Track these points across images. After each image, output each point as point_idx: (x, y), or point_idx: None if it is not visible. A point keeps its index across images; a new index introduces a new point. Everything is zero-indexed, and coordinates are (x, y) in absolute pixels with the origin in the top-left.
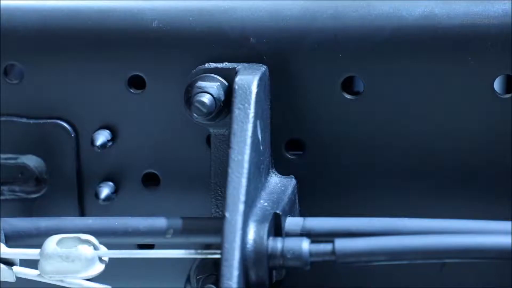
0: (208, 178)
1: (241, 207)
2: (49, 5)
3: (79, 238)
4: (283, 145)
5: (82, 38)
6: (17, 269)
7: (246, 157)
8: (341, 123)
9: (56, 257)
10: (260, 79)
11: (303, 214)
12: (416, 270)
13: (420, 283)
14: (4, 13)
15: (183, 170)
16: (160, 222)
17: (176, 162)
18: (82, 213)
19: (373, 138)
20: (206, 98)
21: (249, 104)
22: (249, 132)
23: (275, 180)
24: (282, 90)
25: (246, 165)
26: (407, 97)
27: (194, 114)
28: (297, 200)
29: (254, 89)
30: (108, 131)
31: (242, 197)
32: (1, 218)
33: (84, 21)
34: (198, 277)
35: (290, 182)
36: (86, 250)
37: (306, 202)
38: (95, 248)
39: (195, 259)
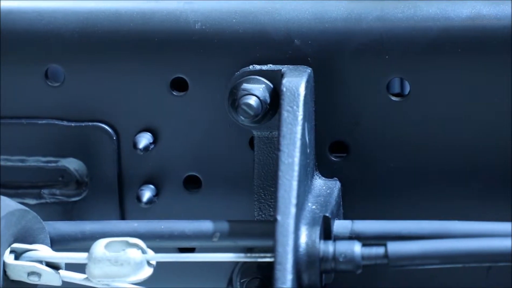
0: (251, 181)
1: (292, 210)
2: (91, 7)
3: (127, 242)
4: (327, 147)
5: (124, 40)
6: (63, 273)
7: (296, 159)
8: (385, 125)
9: (104, 261)
10: (307, 81)
11: (346, 217)
12: (459, 271)
13: (462, 284)
14: (45, 15)
15: (224, 172)
16: (206, 225)
17: (218, 164)
18: (123, 217)
19: (417, 140)
20: (252, 101)
21: (298, 106)
22: (298, 135)
23: (319, 182)
24: (326, 92)
25: (296, 167)
26: (452, 98)
27: (241, 117)
28: (341, 203)
29: (302, 91)
30: (149, 133)
31: (294, 200)
32: (46, 222)
33: (126, 23)
34: (242, 280)
35: (335, 185)
36: (134, 254)
37: (349, 204)
38: (143, 251)
39: (236, 262)
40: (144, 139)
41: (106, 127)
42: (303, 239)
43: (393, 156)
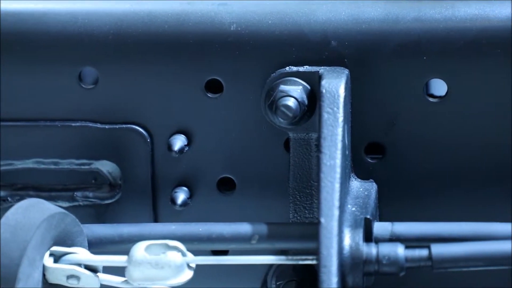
0: (285, 183)
1: (336, 212)
2: (125, 9)
3: (167, 245)
4: (363, 149)
5: (159, 42)
6: (101, 276)
7: (338, 161)
8: (422, 126)
9: (145, 264)
10: (346, 83)
11: (381, 219)
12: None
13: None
14: (79, 17)
15: (259, 174)
16: (244, 228)
17: (252, 166)
18: (155, 219)
19: (454, 141)
20: (291, 102)
21: (338, 108)
22: (340, 136)
23: (356, 184)
24: (363, 93)
25: (338, 169)
26: (490, 99)
27: (280, 119)
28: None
29: (342, 92)
30: (183, 135)
31: (337, 203)
32: (84, 225)
33: (161, 25)
34: (277, 283)
35: (372, 186)
36: (175, 257)
37: (384, 206)
38: (183, 254)
39: (271, 264)
40: (179, 141)
41: (140, 129)
42: (347, 241)
43: (429, 158)
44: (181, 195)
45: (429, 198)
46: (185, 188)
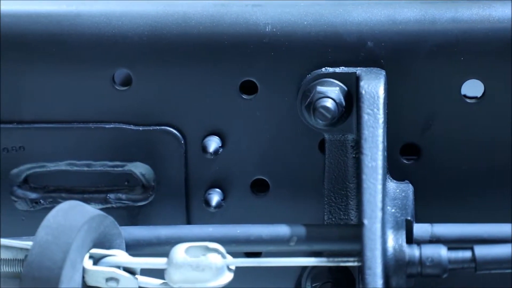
0: (319, 184)
1: (379, 214)
2: (159, 11)
3: (206, 247)
4: (398, 150)
5: (193, 43)
6: (140, 278)
7: (380, 162)
8: (458, 127)
9: (186, 266)
10: (384, 84)
11: (417, 220)
12: None
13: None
14: (113, 19)
15: (293, 176)
16: (283, 229)
17: (286, 168)
18: (189, 221)
19: (490, 142)
20: (329, 103)
21: (378, 109)
22: (380, 138)
23: (392, 185)
24: (399, 94)
25: (380, 171)
26: None
27: (318, 120)
28: None
29: (381, 93)
30: (217, 137)
31: (380, 204)
32: (121, 227)
33: (195, 26)
34: (313, 285)
35: (409, 188)
36: (215, 259)
37: (419, 207)
38: (223, 256)
39: (304, 266)
40: (214, 143)
41: (174, 130)
42: (390, 243)
43: (465, 159)
44: (215, 197)
45: (465, 199)
46: (218, 190)
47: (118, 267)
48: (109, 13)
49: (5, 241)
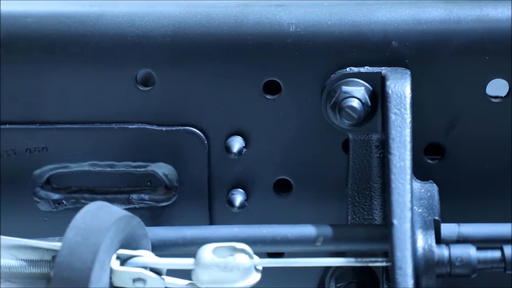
0: (342, 184)
1: (408, 214)
2: (182, 11)
3: (234, 247)
4: (422, 150)
5: (217, 44)
6: (166, 279)
7: (408, 162)
8: (483, 126)
9: (213, 267)
10: (410, 83)
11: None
12: None
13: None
14: (136, 19)
15: (316, 176)
16: (309, 230)
17: (309, 168)
18: (211, 221)
19: None
20: (355, 103)
21: (405, 109)
22: (408, 137)
23: (417, 185)
24: (423, 93)
25: (408, 171)
26: None
27: (344, 120)
28: None
29: (408, 93)
30: (240, 137)
31: (409, 204)
32: (147, 227)
33: (219, 26)
34: (337, 285)
35: (434, 187)
36: (243, 259)
37: (443, 207)
38: (250, 257)
39: (327, 267)
40: (237, 143)
41: (197, 131)
42: (420, 243)
43: (489, 158)
44: (238, 197)
45: (489, 199)
46: (241, 190)
47: (145, 267)
48: (132, 14)
49: (32, 242)
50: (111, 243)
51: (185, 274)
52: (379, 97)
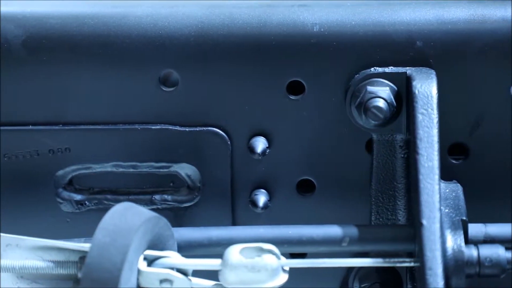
0: (365, 185)
1: (437, 214)
2: (206, 12)
3: (261, 248)
4: (446, 150)
5: (240, 44)
6: (193, 280)
7: (436, 163)
8: (508, 126)
9: (241, 268)
10: (436, 83)
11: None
12: None
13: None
14: (160, 20)
15: (339, 176)
16: (334, 230)
17: (332, 168)
18: (234, 222)
19: None
20: (381, 103)
21: (433, 109)
22: (436, 137)
23: (441, 185)
24: (448, 93)
25: (437, 171)
26: None
27: (370, 120)
28: None
29: (435, 93)
30: (263, 137)
31: (438, 204)
32: (173, 228)
33: (242, 27)
34: (362, 286)
35: (458, 188)
36: (271, 260)
37: (467, 207)
38: (277, 257)
39: (349, 267)
40: (261, 144)
41: (220, 131)
42: (449, 243)
43: None
44: (261, 198)
45: None
46: (263, 191)
47: (172, 268)
48: (155, 14)
49: (59, 243)
50: (139, 244)
51: (206, 274)
52: (403, 97)
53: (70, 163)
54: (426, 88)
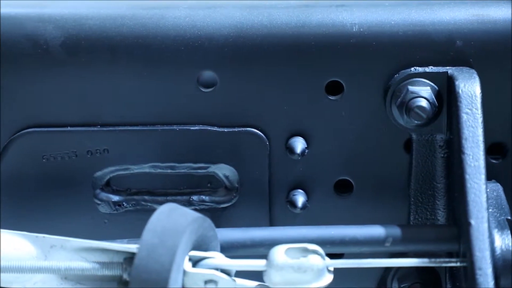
0: (404, 184)
1: (485, 214)
2: (244, 13)
3: (306, 248)
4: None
5: (279, 44)
6: (237, 280)
7: (482, 162)
8: None
9: (287, 268)
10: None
11: None
12: None
13: None
14: (198, 21)
15: (377, 176)
16: (377, 230)
17: (370, 168)
18: (272, 222)
19: None
20: (424, 103)
21: (477, 109)
22: (481, 137)
23: None
24: (487, 93)
25: (483, 170)
26: None
27: (413, 120)
28: None
29: (478, 93)
30: (302, 138)
31: (485, 204)
32: (216, 229)
33: (281, 27)
34: (401, 286)
35: (498, 187)
36: (316, 261)
37: None
38: (322, 258)
39: (387, 267)
40: (300, 144)
41: (258, 132)
42: (498, 243)
43: None
44: (300, 198)
45: None
46: (301, 191)
47: (216, 269)
48: (193, 15)
49: (104, 244)
50: (186, 245)
51: (248, 274)
52: (444, 96)
53: (108, 164)
54: (470, 87)
